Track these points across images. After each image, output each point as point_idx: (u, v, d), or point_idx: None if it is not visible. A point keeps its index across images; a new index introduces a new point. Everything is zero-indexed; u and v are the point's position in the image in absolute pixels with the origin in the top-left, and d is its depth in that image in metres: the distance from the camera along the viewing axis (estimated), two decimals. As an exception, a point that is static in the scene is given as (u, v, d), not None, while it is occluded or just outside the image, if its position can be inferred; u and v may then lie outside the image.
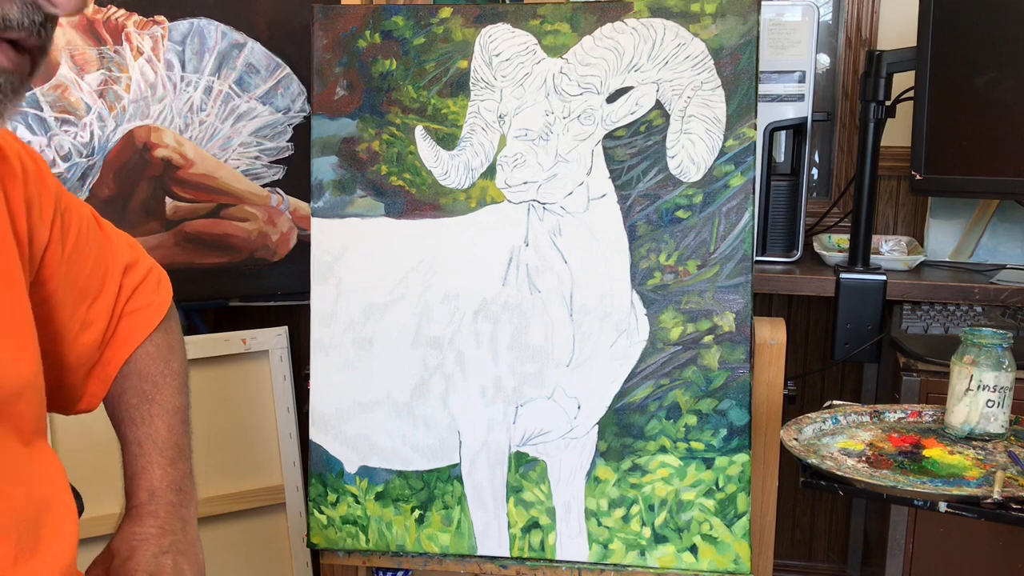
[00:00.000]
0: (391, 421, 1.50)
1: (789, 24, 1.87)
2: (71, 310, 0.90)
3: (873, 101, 1.74)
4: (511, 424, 1.47)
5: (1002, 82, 1.67)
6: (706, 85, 1.40)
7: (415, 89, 1.49)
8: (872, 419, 1.37)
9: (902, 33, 2.00)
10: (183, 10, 1.82)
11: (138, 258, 1.01)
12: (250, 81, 1.86)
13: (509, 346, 1.45)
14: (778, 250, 1.93)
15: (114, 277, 0.97)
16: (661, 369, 1.42)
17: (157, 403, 0.98)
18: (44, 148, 1.75)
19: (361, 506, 1.51)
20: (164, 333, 1.01)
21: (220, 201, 1.87)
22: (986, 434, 1.26)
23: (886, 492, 1.13)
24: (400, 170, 1.49)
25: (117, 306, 0.97)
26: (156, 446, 0.96)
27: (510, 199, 1.45)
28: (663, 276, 1.42)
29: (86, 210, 0.95)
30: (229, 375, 1.82)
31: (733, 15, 1.40)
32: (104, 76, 1.78)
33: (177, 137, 1.83)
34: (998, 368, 1.24)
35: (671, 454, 1.42)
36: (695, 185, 1.41)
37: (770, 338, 1.46)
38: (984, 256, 1.98)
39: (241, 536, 1.82)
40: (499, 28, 1.46)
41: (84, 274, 0.92)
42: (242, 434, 1.82)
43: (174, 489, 0.95)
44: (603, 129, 1.42)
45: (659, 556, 1.43)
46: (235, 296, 1.94)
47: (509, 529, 1.48)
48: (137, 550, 0.90)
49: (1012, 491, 1.08)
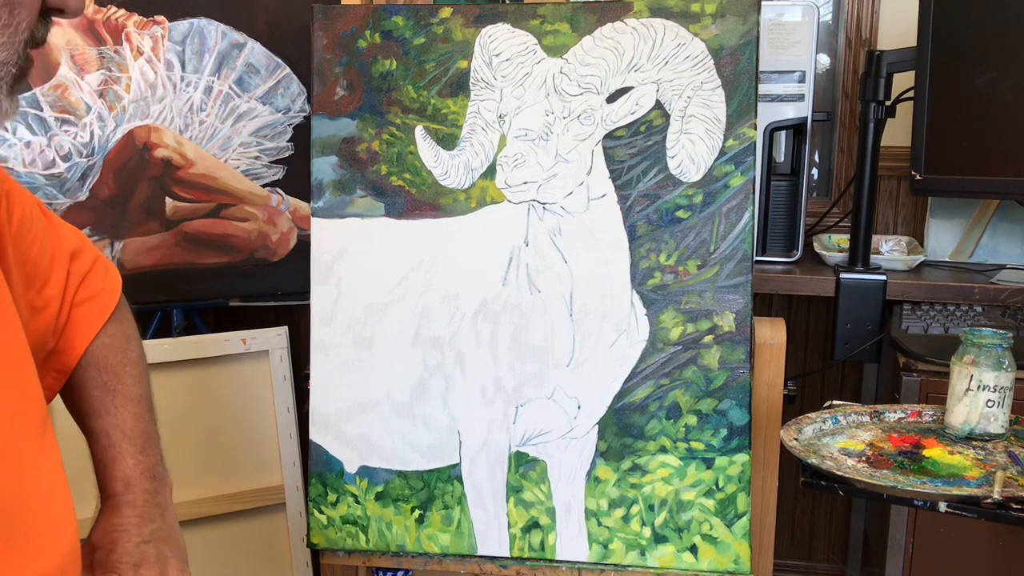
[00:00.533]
0: (391, 421, 1.50)
1: (789, 24, 1.87)
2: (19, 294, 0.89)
3: (873, 101, 1.74)
4: (511, 424, 1.47)
5: (1002, 82, 1.67)
6: (706, 85, 1.40)
7: (415, 89, 1.49)
8: (872, 419, 1.37)
9: (902, 33, 2.00)
10: (183, 10, 1.82)
11: (84, 247, 1.01)
12: (250, 81, 1.86)
13: (509, 346, 1.45)
14: (778, 250, 1.93)
15: (61, 262, 0.96)
16: (661, 369, 1.42)
17: (120, 393, 0.97)
18: (44, 148, 1.75)
19: (361, 506, 1.51)
20: (118, 323, 1.01)
21: (220, 201, 1.87)
22: (986, 434, 1.26)
23: (886, 492, 1.13)
24: (400, 170, 1.49)
25: (67, 293, 0.96)
26: (125, 435, 0.95)
27: (510, 199, 1.45)
28: (663, 276, 1.42)
29: (31, 197, 0.94)
30: (229, 375, 1.81)
31: (733, 15, 1.40)
32: (104, 76, 1.78)
33: (177, 137, 1.83)
34: (998, 368, 1.24)
35: (671, 454, 1.42)
36: (695, 185, 1.41)
37: (770, 338, 1.46)
38: (984, 256, 1.98)
39: (241, 536, 1.82)
40: (499, 28, 1.46)
41: (31, 257, 0.91)
42: (242, 434, 1.82)
43: (148, 476, 0.95)
44: (603, 129, 1.42)
45: (659, 556, 1.43)
46: (235, 296, 1.94)
47: (509, 529, 1.48)
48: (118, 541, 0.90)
49: (1012, 491, 1.08)
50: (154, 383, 1.03)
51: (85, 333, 0.98)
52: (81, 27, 1.77)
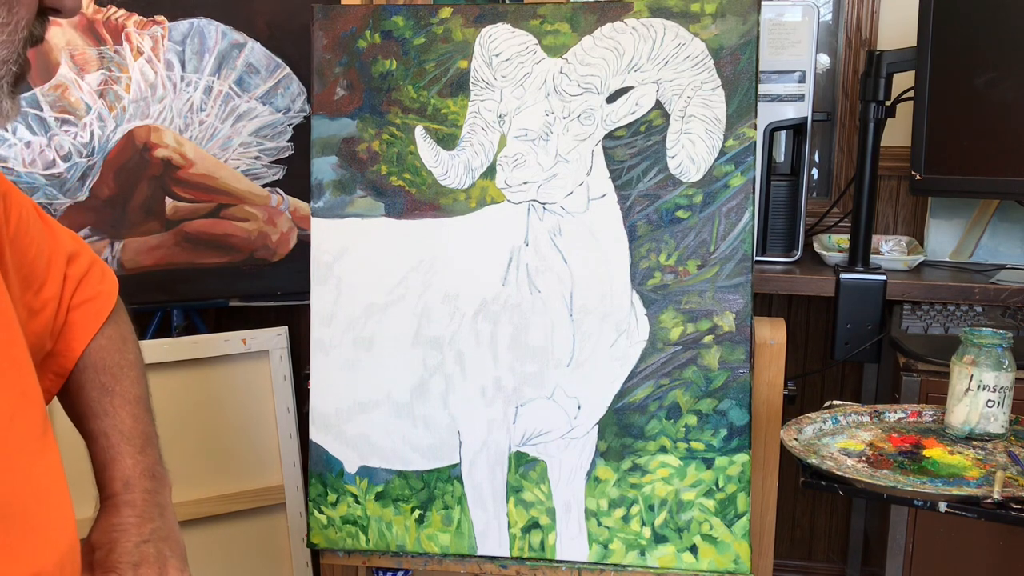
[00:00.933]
0: (391, 421, 1.50)
1: (789, 24, 1.87)
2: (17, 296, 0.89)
3: (873, 101, 1.74)
4: (511, 424, 1.47)
5: (1002, 82, 1.67)
6: (706, 85, 1.40)
7: (415, 89, 1.49)
8: (872, 419, 1.37)
9: (902, 33, 2.00)
10: (183, 10, 1.82)
11: (80, 250, 1.01)
12: (250, 81, 1.86)
13: (509, 346, 1.45)
14: (778, 250, 1.93)
15: (58, 265, 0.96)
16: (661, 369, 1.42)
17: (118, 394, 0.97)
18: (44, 148, 1.76)
19: (361, 506, 1.51)
20: (115, 325, 1.01)
21: (220, 201, 1.87)
22: (986, 434, 1.26)
23: (886, 492, 1.13)
24: (400, 170, 1.49)
25: (64, 296, 0.96)
26: (123, 436, 0.96)
27: (510, 199, 1.45)
28: (663, 276, 1.42)
29: (27, 200, 0.94)
30: (229, 375, 1.81)
31: (733, 15, 1.40)
32: (104, 76, 1.78)
33: (177, 137, 1.83)
34: (998, 368, 1.24)
35: (671, 454, 1.42)
36: (695, 185, 1.41)
37: (770, 338, 1.46)
38: (984, 256, 1.98)
39: (241, 536, 1.82)
40: (499, 28, 1.46)
41: (28, 259, 0.91)
42: (242, 434, 1.82)
43: (148, 476, 0.95)
44: (603, 129, 1.42)
45: (659, 556, 1.43)
46: (235, 296, 1.94)
47: (509, 529, 1.48)
48: (118, 541, 0.90)
49: (1012, 491, 1.08)
50: (154, 383, 1.03)
51: (82, 335, 0.98)
52: (81, 27, 1.77)
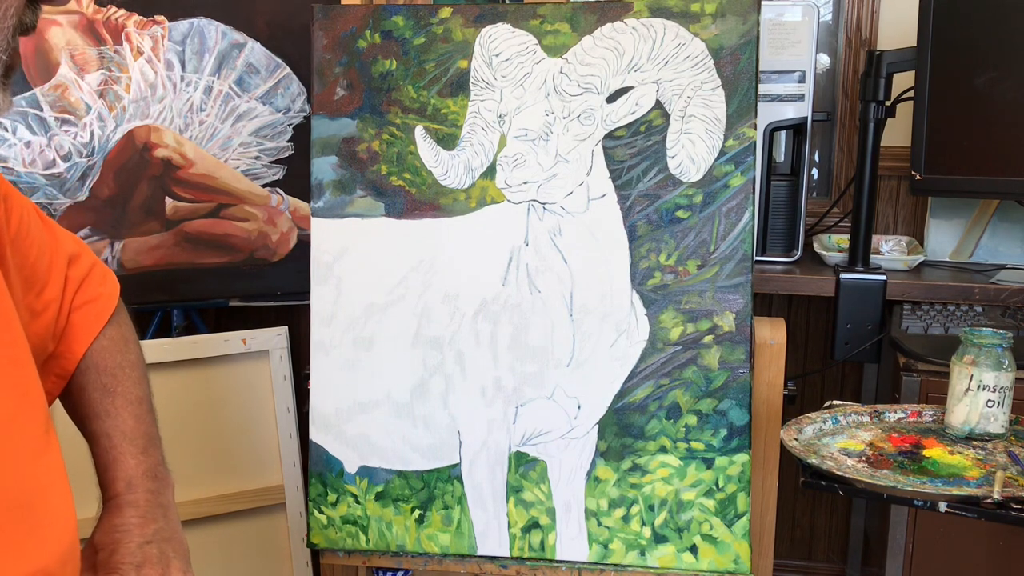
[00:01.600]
0: (391, 421, 1.50)
1: (789, 24, 1.87)
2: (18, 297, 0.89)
3: (873, 101, 1.74)
4: (511, 424, 1.47)
5: (1002, 82, 1.67)
6: (706, 85, 1.40)
7: (415, 89, 1.49)
8: (872, 419, 1.37)
9: (902, 33, 2.00)
10: (183, 10, 1.82)
11: (81, 252, 1.01)
12: (250, 81, 1.86)
13: (509, 346, 1.45)
14: (778, 250, 1.93)
15: (59, 266, 0.96)
16: (661, 369, 1.42)
17: (120, 395, 0.97)
18: (44, 148, 1.76)
19: (361, 506, 1.51)
20: (116, 326, 1.01)
21: (220, 201, 1.87)
22: (986, 434, 1.26)
23: (886, 492, 1.13)
24: (400, 170, 1.49)
25: (65, 297, 0.96)
26: (126, 437, 0.96)
27: (510, 199, 1.45)
28: (663, 276, 1.42)
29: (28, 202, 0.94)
30: (229, 375, 1.81)
31: (733, 15, 1.40)
32: (104, 76, 1.78)
33: (177, 137, 1.83)
34: (998, 368, 1.24)
35: (671, 454, 1.42)
36: (695, 185, 1.41)
37: (770, 338, 1.46)
38: (984, 256, 1.98)
39: (241, 536, 1.82)
40: (499, 28, 1.46)
41: (29, 261, 0.91)
42: (242, 434, 1.82)
43: (150, 476, 0.95)
44: (603, 129, 1.42)
45: (659, 556, 1.43)
46: (235, 296, 1.94)
47: (509, 529, 1.48)
48: (121, 542, 0.90)
49: (1012, 491, 1.08)
50: (154, 383, 1.03)
51: (84, 337, 0.98)
52: (81, 27, 1.77)
